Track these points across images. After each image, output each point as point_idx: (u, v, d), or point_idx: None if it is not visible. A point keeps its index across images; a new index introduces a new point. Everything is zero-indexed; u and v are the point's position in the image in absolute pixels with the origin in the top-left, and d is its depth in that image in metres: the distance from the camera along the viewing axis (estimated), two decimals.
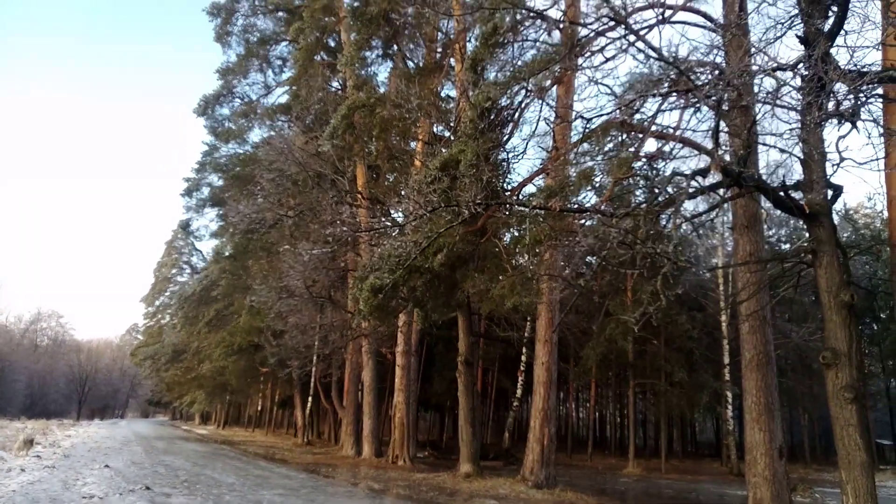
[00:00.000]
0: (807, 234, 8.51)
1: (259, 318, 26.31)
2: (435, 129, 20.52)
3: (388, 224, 15.87)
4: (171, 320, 48.07)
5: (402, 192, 14.28)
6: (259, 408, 54.62)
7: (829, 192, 7.93)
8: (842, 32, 7.93)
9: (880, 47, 8.97)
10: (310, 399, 33.92)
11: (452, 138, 15.47)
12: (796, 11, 8.31)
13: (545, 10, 11.30)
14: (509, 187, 14.55)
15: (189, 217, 37.81)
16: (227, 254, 32.93)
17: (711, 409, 33.04)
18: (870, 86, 7.33)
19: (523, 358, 26.61)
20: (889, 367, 33.44)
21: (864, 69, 7.61)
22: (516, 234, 14.19)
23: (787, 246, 32.55)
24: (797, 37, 8.25)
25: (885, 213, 10.64)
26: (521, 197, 14.02)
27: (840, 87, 7.32)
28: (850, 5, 7.91)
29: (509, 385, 31.69)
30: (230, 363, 31.73)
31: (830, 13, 7.92)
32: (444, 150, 13.33)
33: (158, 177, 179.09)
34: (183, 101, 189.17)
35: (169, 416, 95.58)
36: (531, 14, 10.23)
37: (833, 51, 7.80)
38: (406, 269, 12.16)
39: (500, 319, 24.43)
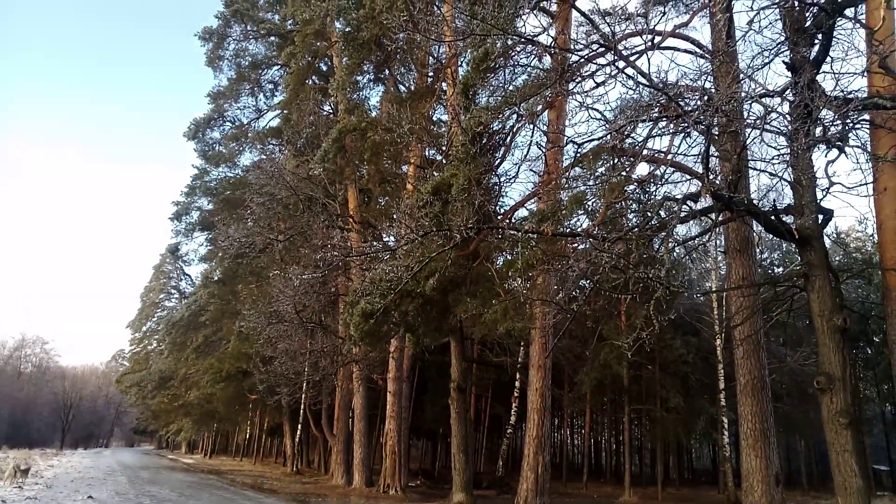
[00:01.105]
0: (799, 258, 8.50)
1: (248, 344, 25.96)
2: (427, 153, 20.58)
3: (380, 248, 15.78)
4: (158, 346, 47.49)
5: (394, 216, 14.23)
6: (247, 436, 53.68)
7: (820, 217, 7.94)
8: (827, 60, 8.03)
9: (866, 74, 9.08)
10: (299, 427, 33.36)
11: (444, 162, 15.49)
12: (783, 39, 8.42)
13: (536, 36, 11.39)
14: (501, 211, 14.53)
15: (178, 241, 37.56)
16: (216, 278, 32.64)
17: (708, 435, 32.75)
18: (856, 112, 7.39)
19: (517, 384, 26.33)
20: (884, 391, 33.36)
21: (851, 95, 7.68)
22: (509, 258, 14.13)
23: (780, 270, 32.66)
24: (784, 63, 8.34)
25: (876, 237, 10.67)
26: (513, 221, 13.99)
27: (827, 114, 7.37)
28: (835, 34, 8.03)
29: (503, 412, 31.31)
30: (218, 390, 31.21)
31: (816, 41, 8.03)
32: (435, 174, 13.32)
33: (146, 200, 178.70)
34: (173, 124, 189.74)
35: (155, 445, 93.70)
36: (522, 40, 10.29)
37: (820, 77, 7.89)
38: (397, 294, 12.04)
39: (493, 344, 24.22)
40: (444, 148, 16.88)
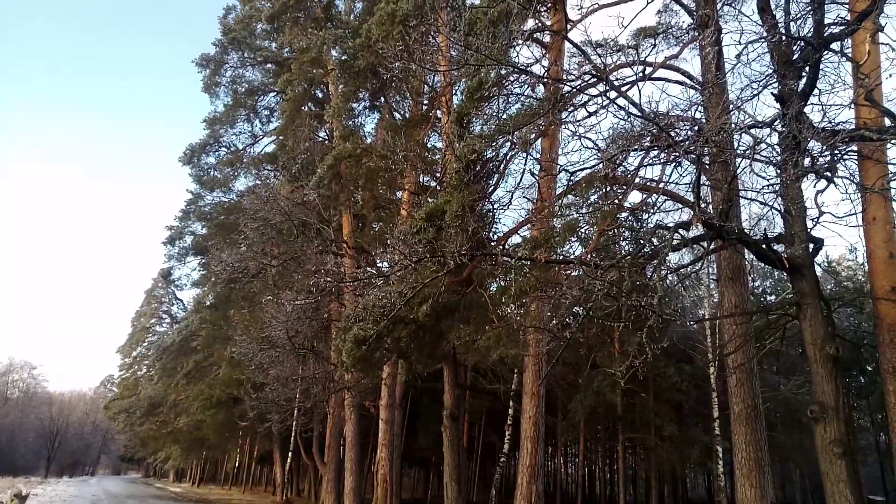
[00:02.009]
0: (790, 286, 8.55)
1: (239, 370, 25.72)
2: (421, 180, 20.70)
3: (374, 274, 15.76)
4: (147, 372, 46.91)
5: (388, 242, 14.27)
6: (236, 464, 52.77)
7: (810, 246, 8.01)
8: (815, 92, 8.19)
9: (853, 106, 9.27)
10: (290, 455, 32.86)
11: (438, 189, 15.59)
12: (771, 71, 8.59)
13: (529, 66, 11.61)
14: (495, 237, 14.58)
15: (171, 266, 37.36)
16: (208, 303, 32.43)
17: (702, 464, 32.46)
18: (844, 143, 7.52)
19: (510, 411, 26.10)
20: (879, 421, 33.23)
21: (838, 127, 7.82)
22: (502, 284, 14.14)
23: (773, 297, 32.76)
24: (773, 95, 8.49)
25: (867, 266, 10.77)
26: (506, 247, 14.04)
27: (815, 145, 7.50)
28: (822, 67, 8.20)
29: (496, 440, 30.96)
30: (208, 417, 30.81)
31: (803, 74, 8.20)
32: (430, 201, 13.38)
33: (138, 225, 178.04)
34: (166, 148, 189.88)
35: (142, 473, 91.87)
36: (515, 70, 10.47)
37: (808, 109, 8.04)
38: (391, 320, 12.00)
39: (486, 371, 24.08)
40: (438, 174, 17.00)
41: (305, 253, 18.32)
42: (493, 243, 13.57)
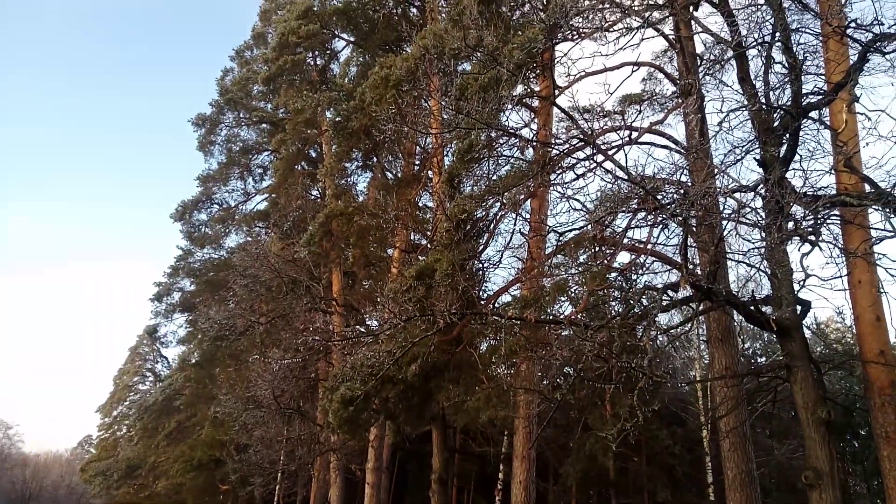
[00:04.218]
0: (780, 348, 8.54)
1: (222, 431, 25.03)
2: (412, 238, 20.83)
3: (363, 332, 15.62)
4: (128, 432, 45.46)
5: (378, 300, 14.22)
6: None
7: (798, 308, 8.05)
8: (796, 158, 8.44)
9: (833, 172, 9.53)
10: None
11: (429, 247, 15.67)
12: (752, 138, 8.87)
13: (518, 129, 11.91)
14: (485, 296, 14.58)
15: (157, 322, 36.81)
16: (193, 361, 31.84)
17: None
18: (826, 208, 7.69)
19: (500, 475, 25.43)
20: (874, 487, 32.57)
21: (821, 192, 8.02)
22: (492, 343, 14.04)
23: (763, 359, 32.62)
24: (755, 160, 8.73)
25: (855, 329, 10.81)
26: (496, 306, 14.01)
27: (798, 209, 7.66)
28: (801, 134, 8.48)
29: None
30: (188, 480, 29.70)
31: (784, 141, 8.46)
32: (420, 259, 13.43)
33: (123, 281, 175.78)
34: (156, 204, 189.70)
35: None
36: (505, 133, 10.75)
37: (790, 174, 8.25)
38: (379, 380, 11.81)
39: (476, 434, 23.57)
40: (429, 233, 17.13)
41: (294, 310, 18.19)
42: (482, 302, 13.56)
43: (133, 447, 38.47)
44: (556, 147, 9.73)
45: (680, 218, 7.67)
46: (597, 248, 9.97)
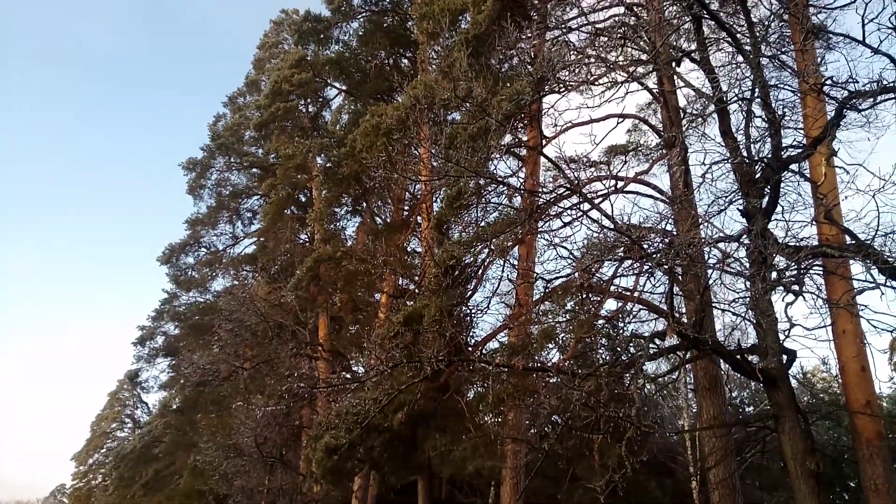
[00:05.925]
0: (767, 398, 8.53)
1: (202, 481, 24.21)
2: (400, 283, 20.80)
3: (348, 379, 15.41)
4: (103, 481, 43.90)
5: (364, 346, 14.09)
6: None
7: (784, 357, 8.08)
8: (778, 209, 8.62)
9: (814, 224, 9.73)
10: None
11: (417, 292, 15.64)
12: (736, 188, 9.07)
13: (506, 177, 12.13)
14: (472, 343, 14.50)
15: (139, 367, 36.01)
16: (174, 407, 31.07)
17: None
18: (807, 259, 7.81)
19: None
20: None
21: (802, 243, 8.17)
22: (480, 391, 13.89)
23: (751, 409, 32.40)
24: (738, 211, 8.91)
25: (840, 379, 10.84)
26: (484, 353, 13.93)
27: (781, 260, 7.78)
28: (783, 186, 8.69)
29: None
30: None
31: (766, 193, 8.66)
32: (408, 304, 13.39)
33: (104, 325, 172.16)
34: (141, 245, 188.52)
35: None
36: (493, 181, 10.91)
37: (773, 224, 8.41)
38: (364, 428, 11.60)
39: (462, 484, 22.99)
40: (417, 278, 17.13)
41: (279, 356, 17.96)
42: (470, 349, 13.48)
43: (108, 497, 37.10)
44: (544, 195, 9.88)
45: (666, 267, 7.76)
46: (584, 296, 10.03)
